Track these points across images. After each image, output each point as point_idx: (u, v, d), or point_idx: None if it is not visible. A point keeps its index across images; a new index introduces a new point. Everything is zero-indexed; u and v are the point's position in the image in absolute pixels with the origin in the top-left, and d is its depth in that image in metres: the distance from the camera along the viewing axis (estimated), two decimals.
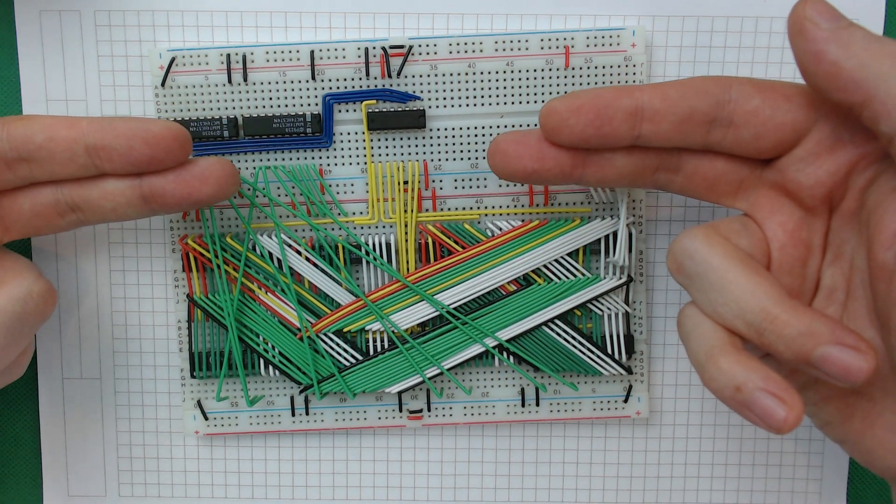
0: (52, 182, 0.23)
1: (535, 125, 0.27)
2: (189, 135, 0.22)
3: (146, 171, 0.22)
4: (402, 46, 0.26)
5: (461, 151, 0.27)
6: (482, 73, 0.26)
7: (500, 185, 0.27)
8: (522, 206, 0.27)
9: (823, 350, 0.18)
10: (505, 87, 0.26)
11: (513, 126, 0.27)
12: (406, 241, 0.27)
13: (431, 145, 0.27)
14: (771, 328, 0.19)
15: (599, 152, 0.22)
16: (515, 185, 0.27)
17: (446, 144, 0.27)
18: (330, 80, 0.26)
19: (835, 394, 0.21)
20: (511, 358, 0.28)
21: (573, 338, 0.27)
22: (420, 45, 0.26)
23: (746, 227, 0.22)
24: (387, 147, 0.27)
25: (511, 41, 0.26)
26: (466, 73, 0.26)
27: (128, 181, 0.22)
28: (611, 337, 0.28)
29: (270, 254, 0.27)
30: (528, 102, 0.27)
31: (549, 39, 0.26)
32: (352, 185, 0.27)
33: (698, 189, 0.22)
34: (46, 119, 0.22)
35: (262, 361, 0.28)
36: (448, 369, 0.27)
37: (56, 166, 0.22)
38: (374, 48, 0.26)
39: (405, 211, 0.27)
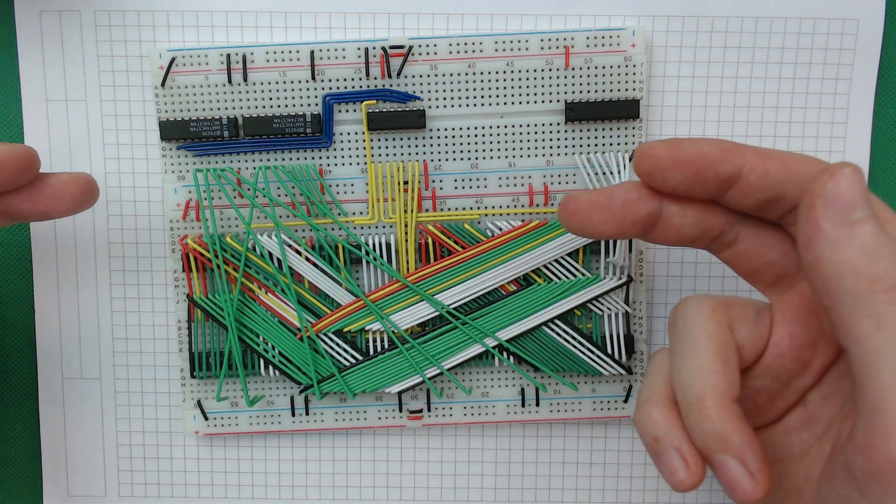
0: None
1: (536, 125, 0.27)
2: (35, 153, 0.22)
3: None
4: (402, 46, 0.26)
5: (461, 151, 0.27)
6: (482, 73, 0.26)
7: (500, 186, 0.27)
8: (522, 206, 0.27)
9: (724, 457, 0.19)
10: (505, 87, 0.26)
11: (513, 126, 0.27)
12: (406, 241, 0.27)
13: (431, 145, 0.27)
14: (697, 413, 0.20)
15: (670, 214, 0.21)
16: (515, 185, 0.27)
17: (446, 144, 0.27)
18: (330, 80, 0.26)
19: None
20: (511, 358, 0.28)
21: (573, 338, 0.27)
22: (420, 45, 0.26)
23: (758, 318, 0.21)
24: (387, 147, 0.27)
25: (511, 41, 0.26)
26: (466, 73, 0.26)
27: None
28: (611, 337, 0.28)
29: (270, 254, 0.27)
30: (528, 102, 0.27)
31: (549, 39, 0.26)
32: (352, 185, 0.27)
33: (741, 268, 0.22)
34: None
35: (262, 361, 0.28)
36: (448, 369, 0.27)
37: None
38: (374, 48, 0.26)
39: (405, 211, 0.27)
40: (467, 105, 0.27)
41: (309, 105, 0.27)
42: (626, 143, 0.27)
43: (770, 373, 0.21)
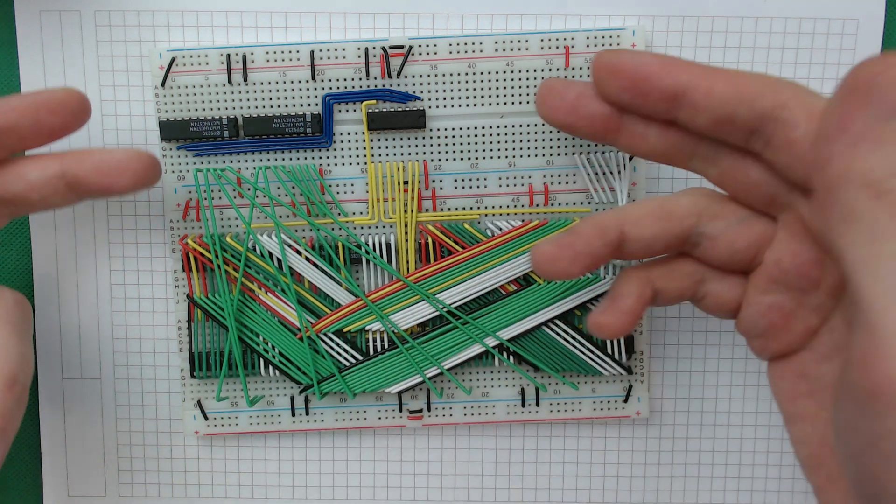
0: None
1: (536, 125, 0.27)
2: (85, 96, 0.23)
3: (60, 138, 0.23)
4: (402, 46, 0.26)
5: (461, 151, 0.27)
6: (482, 73, 0.26)
7: (500, 185, 0.27)
8: (522, 206, 0.27)
9: (540, 243, 0.21)
10: (505, 87, 0.26)
11: (513, 126, 0.27)
12: (406, 241, 0.27)
13: (431, 145, 0.27)
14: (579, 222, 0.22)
15: (633, 124, 0.21)
16: (515, 185, 0.27)
17: (446, 144, 0.27)
18: (330, 80, 0.26)
19: (816, 464, 0.21)
20: (511, 358, 0.28)
21: (573, 338, 0.27)
22: (420, 45, 0.26)
23: (747, 220, 0.21)
24: (387, 147, 0.27)
25: (511, 41, 0.26)
26: (466, 73, 0.26)
27: (51, 171, 0.23)
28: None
29: (270, 254, 0.27)
30: (528, 102, 0.27)
31: (549, 39, 0.26)
32: (352, 185, 0.27)
33: (731, 189, 0.21)
34: None
35: (262, 361, 0.28)
36: (448, 369, 0.27)
37: None
38: (374, 48, 0.26)
39: (405, 211, 0.27)
40: (467, 105, 0.27)
41: (309, 105, 0.27)
42: None
43: (777, 287, 0.21)
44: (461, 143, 0.27)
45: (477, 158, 0.27)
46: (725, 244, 0.21)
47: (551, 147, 0.27)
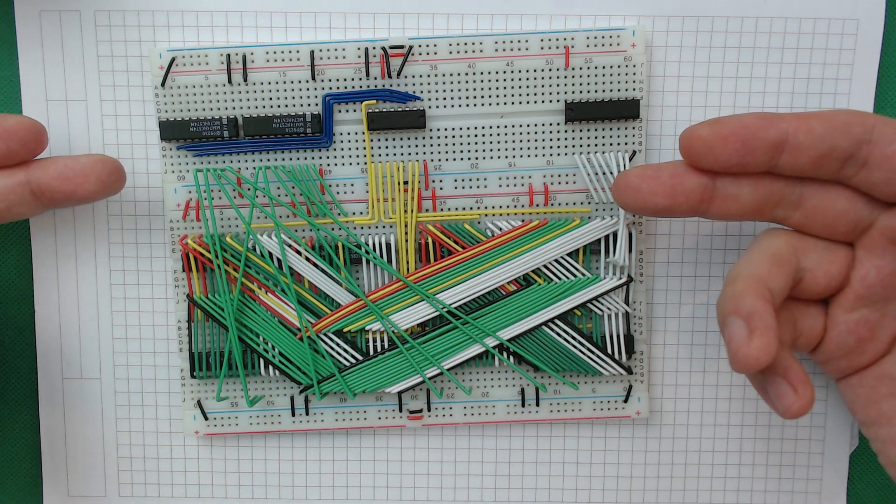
0: None
1: (536, 125, 0.27)
2: (42, 127, 0.24)
3: (4, 164, 0.24)
4: (402, 46, 0.26)
5: (461, 151, 0.27)
6: (482, 73, 0.26)
7: (500, 186, 0.27)
8: (522, 206, 0.27)
9: (732, 319, 0.21)
10: (505, 87, 0.26)
11: (513, 126, 0.27)
12: (406, 241, 0.27)
13: (431, 145, 0.27)
14: (728, 286, 0.22)
15: (725, 187, 0.22)
16: (515, 185, 0.27)
17: (446, 144, 0.27)
18: (330, 80, 0.26)
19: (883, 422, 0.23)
20: (511, 358, 0.28)
21: (573, 338, 0.27)
22: (420, 45, 0.26)
23: (830, 248, 0.23)
24: (387, 147, 0.27)
25: (511, 41, 0.26)
26: (466, 73, 0.26)
27: (16, 179, 0.24)
28: (611, 337, 0.28)
29: (270, 254, 0.27)
30: (528, 102, 0.27)
31: (549, 39, 0.26)
32: (352, 185, 0.27)
33: (816, 226, 0.23)
34: None
35: (262, 361, 0.28)
36: (448, 369, 0.27)
37: None
38: (374, 48, 0.26)
39: (405, 211, 0.27)
40: (467, 105, 0.27)
41: (309, 105, 0.27)
42: (626, 143, 0.27)
43: (864, 302, 0.22)
44: (461, 143, 0.27)
45: (477, 158, 0.27)
46: (823, 273, 0.23)
47: (551, 147, 0.27)
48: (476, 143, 0.27)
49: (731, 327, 0.20)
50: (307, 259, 0.27)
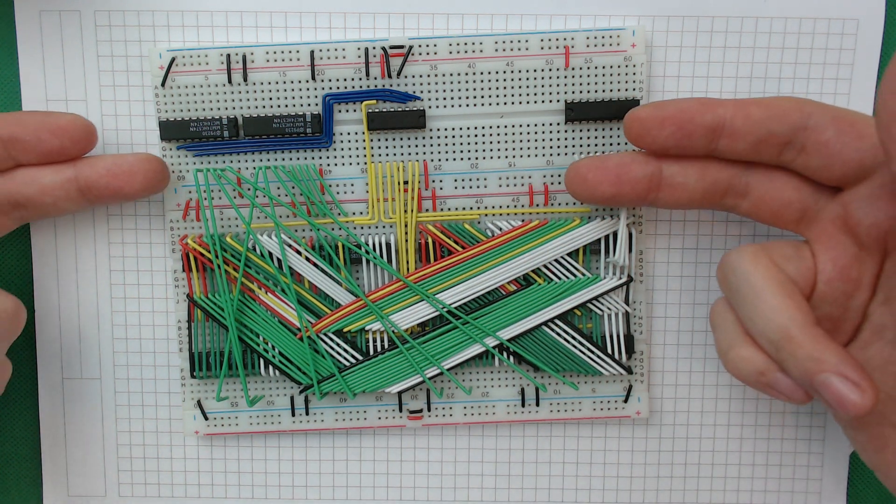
0: None
1: (536, 125, 0.27)
2: (93, 126, 0.25)
3: (57, 160, 0.24)
4: (402, 46, 0.26)
5: (461, 151, 0.27)
6: (482, 73, 0.26)
7: (500, 185, 0.27)
8: (522, 206, 0.27)
9: (825, 377, 0.20)
10: (505, 87, 0.26)
11: (513, 126, 0.27)
12: (406, 241, 0.27)
13: (431, 145, 0.27)
14: (787, 347, 0.20)
15: (672, 175, 0.23)
16: (515, 185, 0.27)
17: (446, 144, 0.27)
18: (330, 80, 0.26)
19: (868, 423, 0.22)
20: (511, 358, 0.28)
21: (573, 338, 0.27)
22: (420, 45, 0.26)
23: (799, 253, 0.22)
24: (387, 147, 0.27)
25: (511, 41, 0.26)
26: (466, 73, 0.26)
27: (64, 176, 0.24)
28: (611, 337, 0.28)
29: (270, 254, 0.27)
30: (528, 102, 0.27)
31: (549, 39, 0.26)
32: (352, 185, 0.27)
33: (764, 214, 0.23)
34: None
35: (262, 361, 0.28)
36: (448, 369, 0.27)
37: None
38: (374, 48, 0.26)
39: (405, 211, 0.27)
40: (467, 105, 0.27)
41: (309, 105, 0.27)
42: (626, 143, 0.27)
43: (827, 299, 0.22)
44: (461, 143, 0.27)
45: (477, 158, 0.27)
46: (804, 283, 0.22)
47: (551, 147, 0.27)
48: (476, 143, 0.27)
49: (834, 386, 0.20)
50: (307, 259, 0.27)
